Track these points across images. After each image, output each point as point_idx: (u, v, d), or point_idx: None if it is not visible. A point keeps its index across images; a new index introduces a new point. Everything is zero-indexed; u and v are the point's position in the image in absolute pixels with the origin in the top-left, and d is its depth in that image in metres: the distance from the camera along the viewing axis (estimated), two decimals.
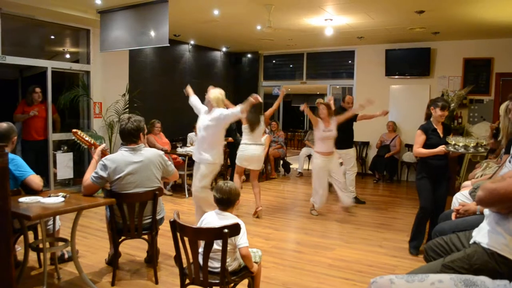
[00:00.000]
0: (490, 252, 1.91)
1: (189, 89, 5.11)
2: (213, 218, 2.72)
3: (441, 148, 3.95)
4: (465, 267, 1.95)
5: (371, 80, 8.99)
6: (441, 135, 4.12)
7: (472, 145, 3.84)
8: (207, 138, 4.56)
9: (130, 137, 3.39)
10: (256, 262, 2.81)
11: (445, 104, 4.08)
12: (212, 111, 4.56)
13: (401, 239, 4.68)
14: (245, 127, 5.54)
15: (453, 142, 3.92)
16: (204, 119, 4.61)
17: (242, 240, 2.57)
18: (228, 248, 2.50)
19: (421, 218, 4.22)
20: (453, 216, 2.67)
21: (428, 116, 4.24)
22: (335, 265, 3.97)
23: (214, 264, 2.56)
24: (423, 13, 5.90)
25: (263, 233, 4.96)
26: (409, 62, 8.44)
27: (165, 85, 8.74)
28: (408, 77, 8.52)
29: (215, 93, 4.62)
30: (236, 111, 4.50)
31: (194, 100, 4.98)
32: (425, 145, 4.10)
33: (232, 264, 2.65)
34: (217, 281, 2.51)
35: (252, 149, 5.48)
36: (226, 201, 2.71)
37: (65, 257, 3.83)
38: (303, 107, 5.50)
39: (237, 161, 5.59)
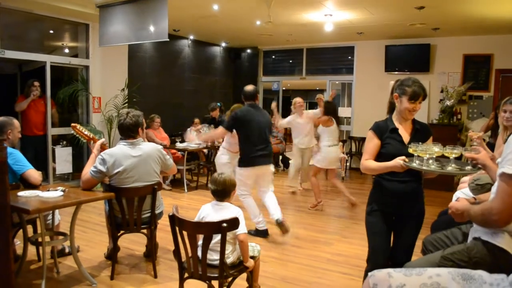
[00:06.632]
0: (490, 246, 1.92)
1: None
2: (211, 210, 2.73)
3: (397, 162, 2.36)
4: (464, 259, 1.96)
5: (371, 76, 8.99)
6: (406, 140, 2.56)
7: (453, 156, 2.28)
8: None
9: (128, 132, 3.40)
10: (254, 257, 2.83)
11: (417, 90, 2.49)
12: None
13: None
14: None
15: (417, 152, 2.31)
16: None
17: (240, 227, 2.58)
18: (228, 237, 2.52)
19: (367, 273, 2.22)
20: (449, 211, 2.67)
21: (392, 106, 2.70)
22: (334, 260, 3.98)
23: (213, 256, 2.57)
24: (423, 9, 5.89)
25: None
26: (408, 58, 8.43)
27: (164, 80, 8.72)
28: (408, 73, 8.49)
29: None
30: None
31: None
32: (380, 156, 2.58)
33: (231, 257, 2.66)
34: (216, 275, 2.52)
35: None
36: (221, 192, 2.73)
37: (65, 251, 3.84)
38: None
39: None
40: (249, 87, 4.77)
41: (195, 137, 6.83)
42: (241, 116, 4.51)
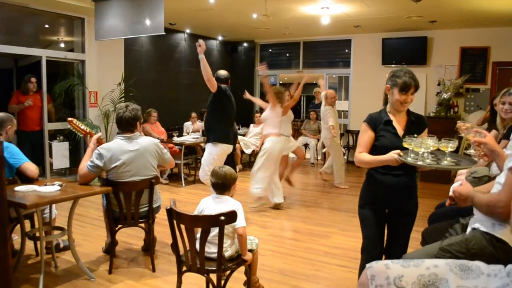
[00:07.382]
0: (488, 237, 1.92)
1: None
2: (211, 203, 2.73)
3: (392, 155, 2.33)
4: (462, 251, 1.96)
5: (368, 69, 8.98)
6: (401, 133, 2.51)
7: (449, 149, 2.25)
8: None
9: (127, 125, 3.39)
10: (252, 250, 2.83)
11: (408, 81, 2.47)
12: None
13: None
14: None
15: (412, 147, 2.27)
16: None
17: (239, 220, 2.58)
18: (227, 231, 2.53)
19: (363, 264, 2.61)
20: (447, 202, 2.68)
21: (387, 98, 2.64)
22: (331, 253, 4.00)
23: (212, 249, 2.57)
24: (420, 1, 5.88)
25: (260, 221, 4.98)
26: (405, 51, 8.43)
27: (161, 74, 8.69)
28: (405, 66, 8.47)
29: None
30: None
31: None
32: (374, 148, 2.53)
33: (230, 250, 2.66)
34: (214, 268, 2.53)
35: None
36: (221, 186, 2.73)
37: (60, 246, 3.83)
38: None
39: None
40: (223, 71, 4.89)
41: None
42: (227, 91, 4.64)
